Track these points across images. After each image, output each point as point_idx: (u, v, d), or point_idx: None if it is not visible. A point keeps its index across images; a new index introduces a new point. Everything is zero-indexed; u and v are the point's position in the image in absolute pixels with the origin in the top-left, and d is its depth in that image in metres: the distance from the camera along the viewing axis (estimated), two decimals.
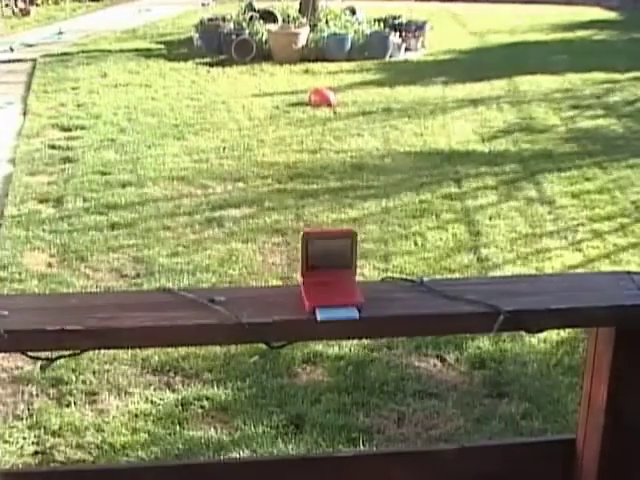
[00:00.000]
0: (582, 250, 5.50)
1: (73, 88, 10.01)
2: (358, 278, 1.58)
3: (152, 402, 3.76)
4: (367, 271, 5.01)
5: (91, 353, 3.98)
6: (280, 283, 4.89)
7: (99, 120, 8.59)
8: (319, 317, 1.47)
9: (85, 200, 6.32)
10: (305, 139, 8.00)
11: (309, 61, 11.65)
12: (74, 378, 3.89)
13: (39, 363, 3.83)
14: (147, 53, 12.30)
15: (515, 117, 8.94)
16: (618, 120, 8.86)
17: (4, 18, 15.67)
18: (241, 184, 6.75)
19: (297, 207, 6.24)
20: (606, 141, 8.02)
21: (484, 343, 4.20)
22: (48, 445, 3.45)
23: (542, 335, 4.18)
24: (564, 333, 4.26)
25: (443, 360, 4.10)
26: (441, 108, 9.28)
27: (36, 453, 3.41)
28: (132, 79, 10.54)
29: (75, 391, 3.81)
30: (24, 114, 8.88)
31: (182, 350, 4.07)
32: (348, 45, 12.02)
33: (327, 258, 1.54)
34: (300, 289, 1.53)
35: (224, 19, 12.82)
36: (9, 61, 11.78)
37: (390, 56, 12.09)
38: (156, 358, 4.06)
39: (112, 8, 17.52)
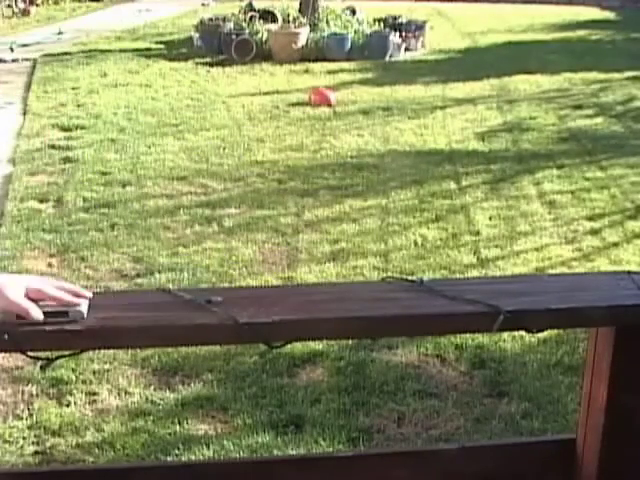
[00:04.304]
0: (582, 249, 5.50)
1: (73, 88, 10.01)
2: (358, 278, 1.58)
3: (152, 402, 3.76)
4: (367, 271, 5.00)
5: (91, 353, 3.98)
6: (280, 283, 4.89)
7: (99, 120, 8.59)
8: None
9: (85, 200, 6.32)
10: (305, 139, 8.00)
11: (309, 61, 11.65)
12: (74, 378, 3.89)
13: (39, 363, 3.83)
14: (147, 53, 12.30)
15: (514, 116, 8.95)
16: (617, 120, 8.86)
17: (4, 18, 15.68)
18: (241, 184, 6.75)
19: (297, 207, 6.24)
20: (606, 140, 8.02)
21: (484, 343, 4.21)
22: (48, 445, 3.45)
23: (542, 335, 4.18)
24: (564, 333, 4.26)
25: (443, 360, 4.10)
26: (441, 107, 9.28)
27: (36, 453, 3.41)
28: (132, 79, 10.54)
29: (75, 391, 3.81)
30: (24, 114, 8.88)
31: (182, 350, 4.07)
32: (348, 45, 12.02)
33: None
34: None
35: (224, 19, 12.82)
36: (9, 61, 11.78)
37: (390, 56, 12.09)
38: (156, 358, 4.06)
39: (112, 8, 17.52)
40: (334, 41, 11.96)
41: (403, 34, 12.47)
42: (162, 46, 12.93)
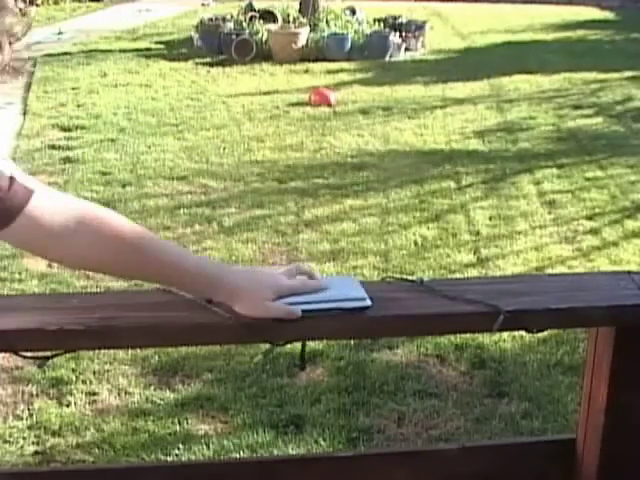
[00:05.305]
0: (581, 249, 5.50)
1: (73, 88, 10.01)
2: (358, 278, 1.58)
3: (152, 402, 3.76)
4: (367, 271, 5.00)
5: (91, 353, 3.98)
6: None
7: (99, 120, 8.59)
8: None
9: (85, 200, 6.31)
10: (305, 139, 8.00)
11: (309, 61, 11.64)
12: (74, 378, 3.89)
13: (37, 363, 3.83)
14: (147, 53, 12.29)
15: (514, 116, 8.95)
16: (617, 119, 8.86)
17: None
18: (241, 183, 6.75)
19: (297, 207, 6.24)
20: (605, 140, 8.03)
21: (484, 343, 4.21)
22: (48, 445, 3.45)
23: (542, 335, 4.18)
24: (564, 333, 4.26)
25: (443, 360, 4.10)
26: (441, 107, 9.28)
27: (36, 453, 3.41)
28: (132, 79, 10.53)
29: (75, 391, 3.81)
30: (24, 114, 8.88)
31: (182, 350, 4.07)
32: (348, 45, 12.01)
33: None
34: None
35: (224, 19, 12.81)
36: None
37: (390, 56, 12.08)
38: (156, 358, 4.06)
39: (112, 8, 17.50)
40: (334, 41, 11.95)
41: (403, 34, 12.46)
42: (162, 46, 12.92)
